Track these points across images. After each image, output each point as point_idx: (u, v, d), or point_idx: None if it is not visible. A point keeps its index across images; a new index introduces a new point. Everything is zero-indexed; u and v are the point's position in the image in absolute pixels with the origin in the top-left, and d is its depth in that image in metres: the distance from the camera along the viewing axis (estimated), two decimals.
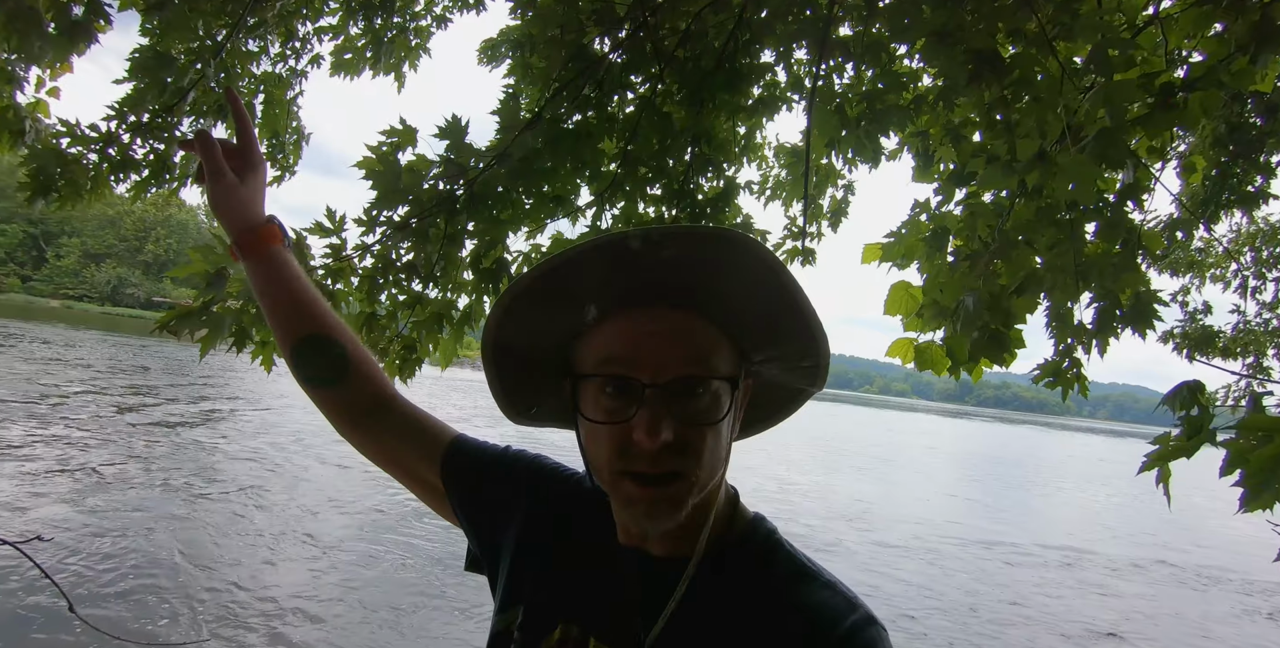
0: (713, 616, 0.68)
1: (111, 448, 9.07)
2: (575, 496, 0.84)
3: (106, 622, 4.03)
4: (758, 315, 0.69)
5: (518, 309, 0.72)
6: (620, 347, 0.67)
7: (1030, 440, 49.52)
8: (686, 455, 0.65)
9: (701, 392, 0.66)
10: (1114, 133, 1.88)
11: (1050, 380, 2.49)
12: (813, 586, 0.69)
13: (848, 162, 3.01)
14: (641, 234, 0.65)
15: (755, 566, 0.72)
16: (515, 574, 0.81)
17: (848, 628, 0.64)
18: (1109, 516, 15.81)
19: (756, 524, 0.76)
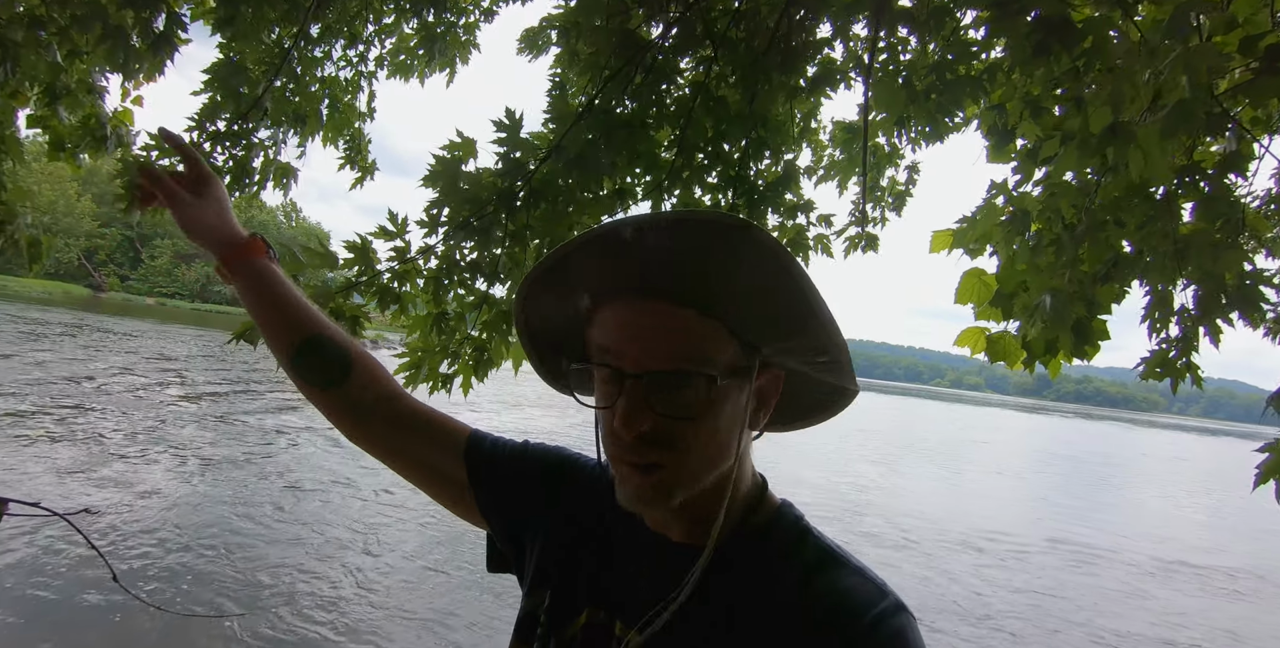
0: (736, 601, 0.68)
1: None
2: (598, 483, 0.83)
3: (148, 592, 4.30)
4: (758, 306, 0.66)
5: (533, 296, 0.74)
6: (608, 336, 0.67)
7: (1120, 439, 46.75)
8: (667, 449, 0.65)
9: (683, 386, 0.64)
10: (1191, 103, 1.68)
11: (1159, 371, 2.26)
12: (841, 572, 0.67)
13: (912, 140, 2.85)
14: (634, 222, 0.64)
15: (781, 552, 0.71)
16: (542, 559, 0.81)
17: (876, 615, 0.62)
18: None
19: (783, 511, 0.75)
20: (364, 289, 1.97)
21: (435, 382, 2.08)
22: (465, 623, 4.92)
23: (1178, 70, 1.34)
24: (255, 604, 4.70)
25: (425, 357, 2.06)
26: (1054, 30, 1.39)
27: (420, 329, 2.06)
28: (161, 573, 4.99)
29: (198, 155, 1.02)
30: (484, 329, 2.11)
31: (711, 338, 0.65)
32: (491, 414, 15.45)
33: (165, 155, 2.75)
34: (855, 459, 16.38)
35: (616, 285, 0.66)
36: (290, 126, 3.06)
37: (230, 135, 2.77)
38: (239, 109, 2.77)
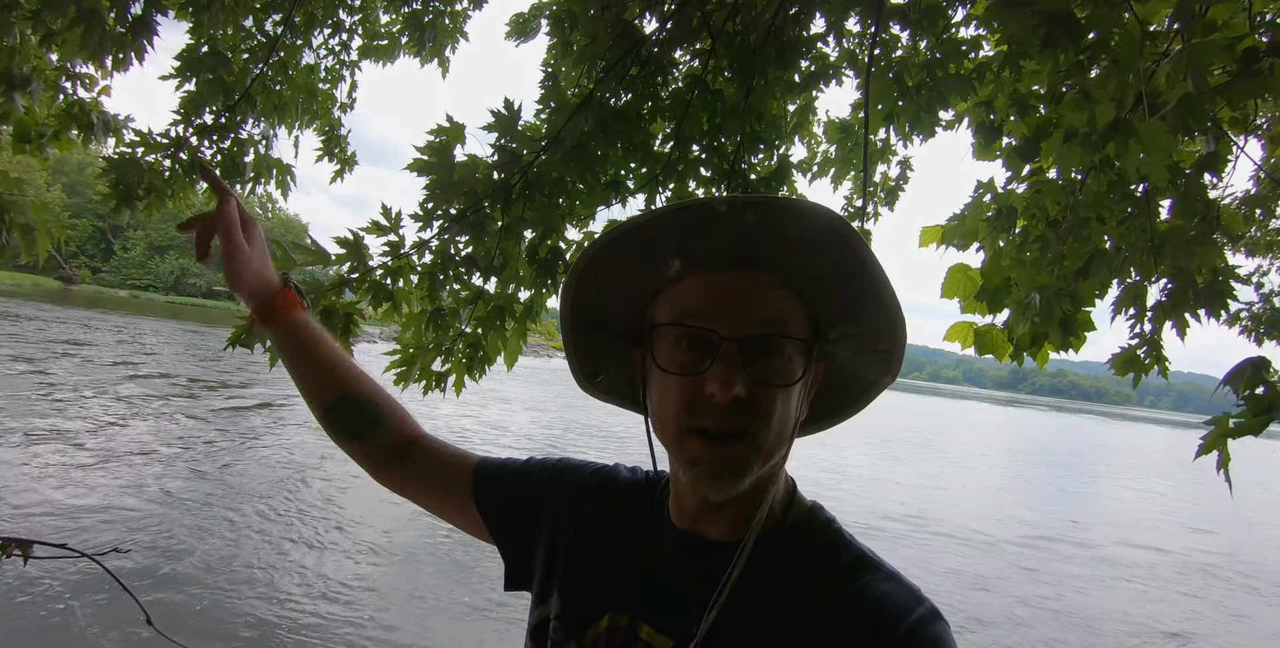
0: (769, 604, 0.67)
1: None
2: (610, 487, 0.85)
3: (184, 634, 4.10)
4: (835, 289, 0.69)
5: (601, 262, 0.73)
6: (700, 301, 0.67)
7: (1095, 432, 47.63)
8: (755, 415, 0.64)
9: (777, 351, 0.66)
10: (1197, 99, 1.73)
11: (1131, 364, 2.33)
12: (875, 577, 0.67)
13: (903, 136, 2.89)
14: (728, 200, 0.66)
15: (814, 554, 0.70)
16: (550, 568, 0.81)
17: (913, 622, 0.62)
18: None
19: (815, 513, 0.75)
20: (356, 286, 1.95)
21: (428, 380, 2.07)
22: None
23: (1181, 66, 1.37)
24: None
25: (418, 354, 2.05)
26: (1060, 23, 1.42)
27: (414, 326, 2.04)
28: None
29: (236, 197, 0.98)
30: (478, 325, 2.09)
31: (795, 313, 0.68)
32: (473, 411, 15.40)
33: (151, 151, 2.70)
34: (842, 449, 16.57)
35: (710, 253, 0.68)
36: (271, 118, 3.01)
37: (218, 128, 2.72)
38: (226, 100, 2.72)
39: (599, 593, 0.75)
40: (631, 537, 0.78)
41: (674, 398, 0.67)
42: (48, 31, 2.59)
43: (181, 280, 60.76)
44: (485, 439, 12.29)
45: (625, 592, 0.74)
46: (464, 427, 13.14)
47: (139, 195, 2.54)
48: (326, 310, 1.91)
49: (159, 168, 2.58)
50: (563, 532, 0.82)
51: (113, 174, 2.54)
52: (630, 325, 0.75)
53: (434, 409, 13.38)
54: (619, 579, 0.75)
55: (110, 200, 2.51)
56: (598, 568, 0.77)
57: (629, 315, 0.75)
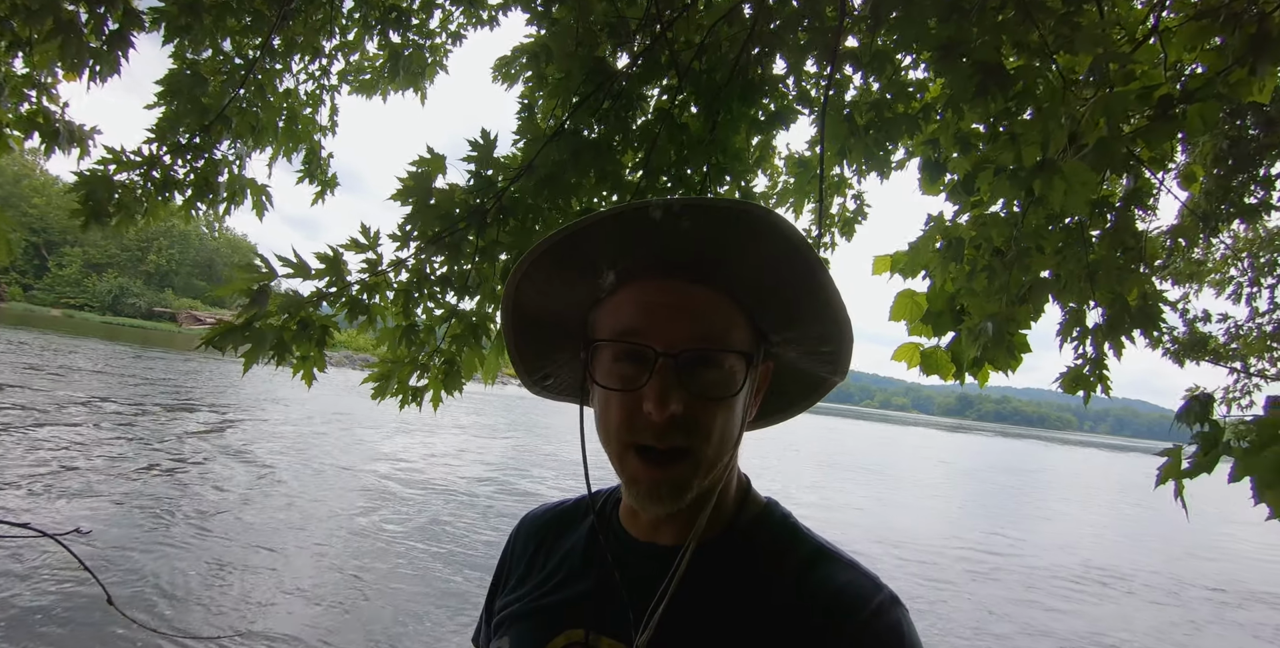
0: (729, 600, 0.67)
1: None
2: (553, 519, 0.84)
3: (141, 614, 4.08)
4: (777, 293, 0.67)
5: (536, 272, 0.70)
6: (636, 316, 0.65)
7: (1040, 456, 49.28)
8: (694, 432, 0.63)
9: (714, 366, 0.64)
10: (1111, 142, 1.93)
11: (1075, 383, 2.51)
12: (834, 566, 0.67)
13: (858, 171, 3.08)
14: (663, 204, 0.63)
15: (771, 548, 0.70)
16: (500, 613, 0.79)
17: (873, 609, 0.63)
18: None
19: (770, 509, 0.75)
20: (333, 300, 1.99)
21: (405, 395, 2.11)
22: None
23: (1098, 112, 1.54)
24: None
25: (394, 369, 2.09)
26: (991, 74, 1.58)
27: (389, 342, 2.08)
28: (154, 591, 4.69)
29: None
30: (453, 342, 2.15)
31: (734, 322, 0.66)
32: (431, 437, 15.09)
33: (124, 169, 2.69)
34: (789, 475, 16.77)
35: (643, 263, 0.66)
36: (248, 140, 3.03)
37: (192, 148, 2.73)
38: (200, 120, 2.74)
39: (549, 617, 0.74)
40: (578, 557, 0.77)
41: (614, 414, 0.65)
42: (15, 39, 2.58)
43: (120, 300, 58.28)
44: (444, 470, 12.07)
45: (579, 609, 0.73)
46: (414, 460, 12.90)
47: (109, 212, 2.53)
48: (304, 321, 1.94)
49: (131, 186, 2.58)
50: (509, 580, 0.83)
51: (83, 190, 2.52)
52: (575, 328, 0.74)
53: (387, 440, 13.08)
54: (571, 599, 0.74)
55: (80, 216, 2.49)
56: (546, 598, 0.76)
57: (571, 321, 0.74)
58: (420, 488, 9.83)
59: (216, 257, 71.55)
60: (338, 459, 11.10)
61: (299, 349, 1.88)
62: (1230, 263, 7.89)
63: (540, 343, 0.78)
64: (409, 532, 7.56)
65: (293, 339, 1.87)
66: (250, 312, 1.80)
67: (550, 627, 0.73)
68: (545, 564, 0.80)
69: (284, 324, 1.86)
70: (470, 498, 9.70)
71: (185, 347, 31.50)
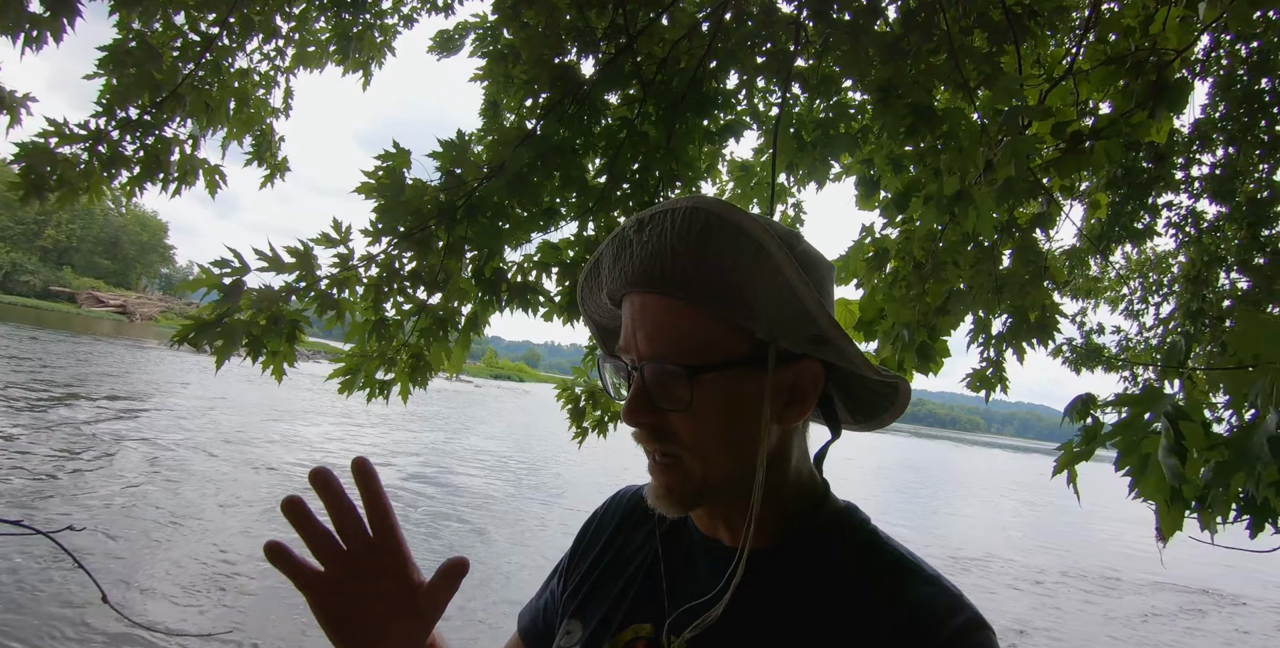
0: (793, 605, 0.64)
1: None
2: (609, 518, 0.85)
3: (135, 612, 3.94)
4: (741, 287, 0.61)
5: (585, 298, 0.76)
6: (623, 332, 0.67)
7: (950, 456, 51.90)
8: (669, 441, 0.64)
9: (665, 377, 0.62)
10: (1015, 181, 2.22)
11: (979, 384, 2.81)
12: (913, 580, 0.63)
13: (798, 181, 3.30)
14: (636, 219, 0.63)
15: (845, 555, 0.67)
16: (572, 593, 0.81)
17: (955, 629, 0.57)
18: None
19: (847, 514, 0.71)
20: (302, 294, 2.02)
21: (372, 388, 2.16)
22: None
23: (1007, 155, 1.78)
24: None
25: (362, 362, 2.14)
26: (921, 116, 1.80)
27: (358, 336, 2.13)
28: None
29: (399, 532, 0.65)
30: (421, 336, 2.20)
31: (699, 327, 0.62)
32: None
33: (66, 142, 2.63)
34: None
35: (619, 281, 0.66)
36: (202, 117, 2.96)
37: (143, 124, 2.67)
38: (152, 96, 2.68)
39: (620, 609, 0.74)
40: (653, 550, 0.77)
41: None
42: None
43: (11, 277, 53.75)
44: None
45: (648, 603, 0.72)
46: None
47: (51, 187, 2.46)
48: (274, 316, 1.98)
49: (74, 161, 2.51)
50: (576, 574, 0.83)
51: (23, 160, 2.45)
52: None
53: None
54: (640, 593, 0.74)
55: (18, 189, 2.41)
56: (618, 587, 0.76)
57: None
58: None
59: (123, 234, 66.89)
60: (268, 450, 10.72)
61: (270, 344, 1.91)
62: (1124, 281, 8.68)
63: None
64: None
65: (263, 334, 1.90)
66: (222, 307, 1.82)
67: (621, 618, 0.73)
68: (623, 550, 0.80)
69: (253, 318, 1.89)
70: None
71: (86, 329, 29.39)
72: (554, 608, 0.85)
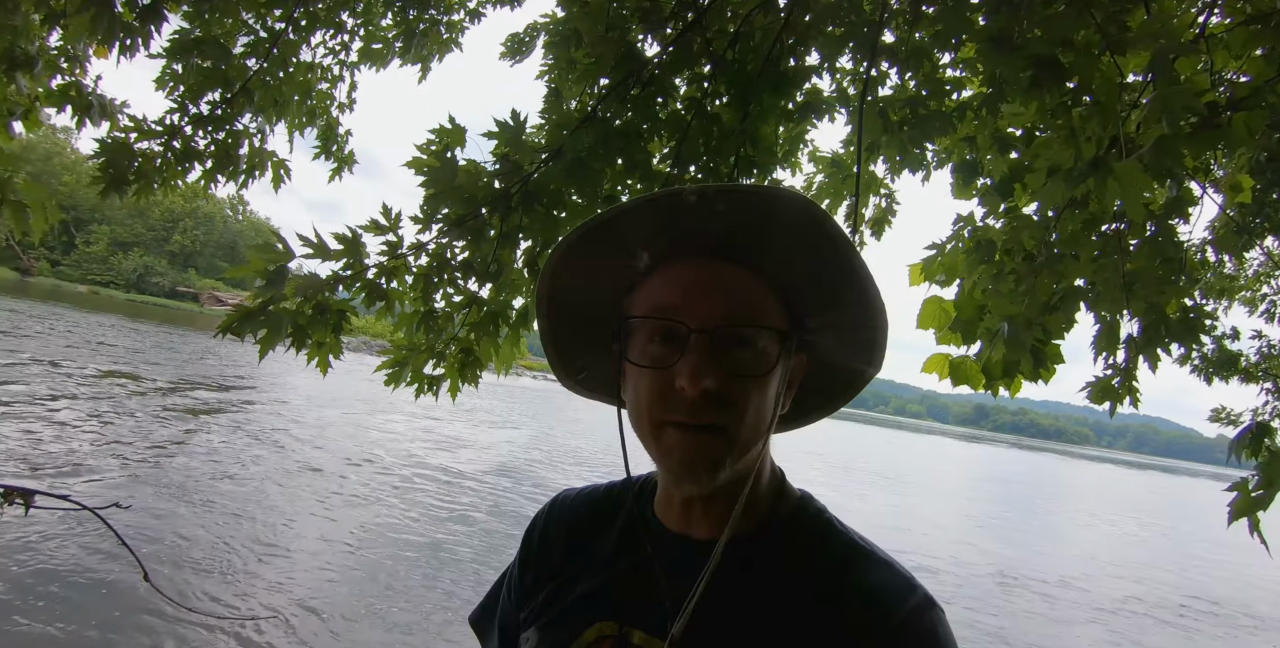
0: (761, 595, 0.66)
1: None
2: (586, 506, 0.83)
3: (177, 593, 4.13)
4: (811, 276, 0.67)
5: (573, 259, 0.71)
6: (670, 294, 0.66)
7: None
8: (727, 408, 0.63)
9: (748, 342, 0.64)
10: (1172, 140, 1.83)
11: (1103, 394, 2.42)
12: (868, 563, 0.66)
13: (890, 169, 3.00)
14: (697, 190, 0.64)
15: (806, 544, 0.69)
16: (529, 602, 0.79)
17: (909, 610, 0.62)
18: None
19: (805, 503, 0.74)
20: (350, 283, 1.95)
21: (420, 383, 2.07)
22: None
23: (1157, 108, 1.47)
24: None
25: (410, 355, 2.05)
26: (1045, 67, 1.51)
27: (406, 327, 2.05)
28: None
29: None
30: (471, 330, 2.10)
31: (768, 302, 0.67)
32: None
33: (145, 137, 2.68)
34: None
35: (677, 243, 0.67)
36: (268, 113, 3.01)
37: (214, 119, 2.71)
38: (224, 91, 2.72)
39: (581, 609, 0.73)
40: (611, 548, 0.76)
41: (646, 391, 0.65)
42: (50, 12, 2.58)
43: (144, 279, 59.18)
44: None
45: (613, 601, 0.72)
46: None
47: (129, 180, 2.52)
48: (320, 306, 1.90)
49: (151, 155, 2.57)
50: (536, 576, 0.81)
51: (104, 157, 2.51)
52: (608, 320, 0.73)
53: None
54: (603, 591, 0.73)
55: (99, 184, 2.49)
56: (577, 589, 0.75)
57: (607, 310, 0.73)
58: (452, 476, 9.88)
59: (240, 238, 72.40)
60: (368, 449, 11.17)
61: (315, 335, 1.84)
62: (1263, 280, 7.71)
63: (576, 334, 0.78)
64: (449, 517, 7.61)
65: (309, 324, 1.83)
66: (266, 294, 1.76)
67: (582, 618, 0.72)
68: (579, 553, 0.79)
69: (300, 308, 1.82)
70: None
71: (207, 326, 31.92)
72: (508, 611, 0.84)
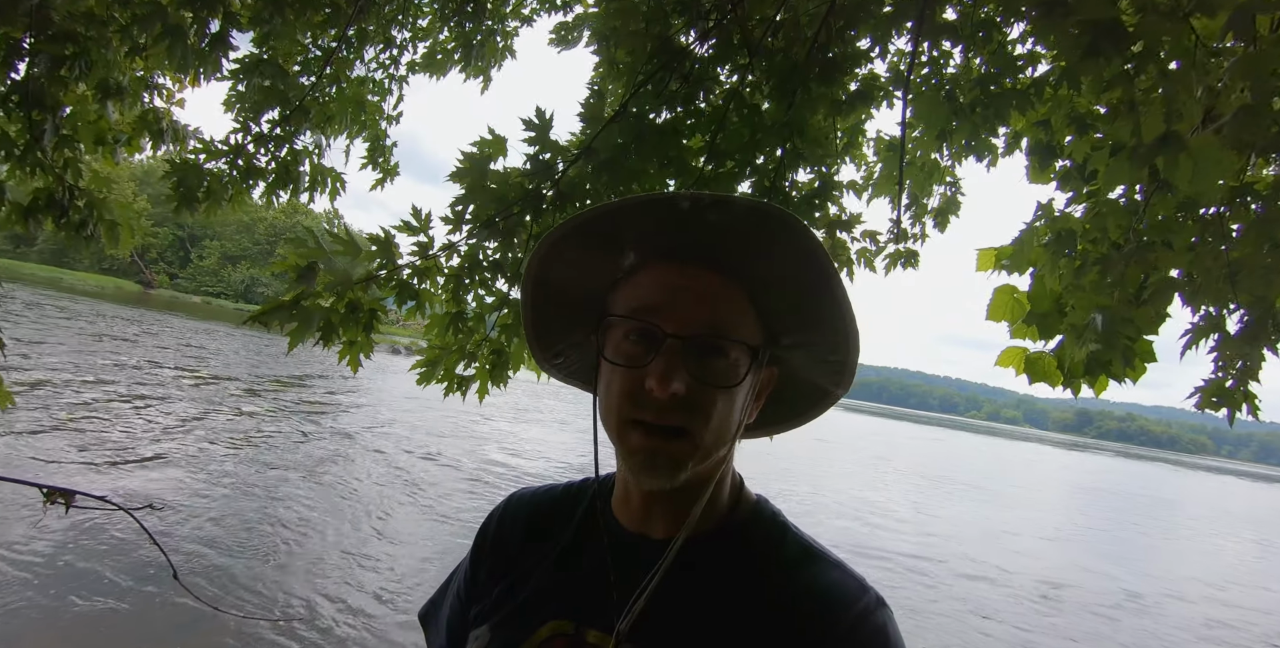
0: (715, 596, 0.67)
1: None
2: (544, 504, 0.84)
3: (207, 592, 4.29)
4: (791, 295, 0.68)
5: (565, 248, 0.73)
6: (651, 295, 0.68)
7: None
8: (694, 413, 0.65)
9: (721, 353, 0.66)
10: (1256, 110, 1.54)
11: (1215, 400, 2.13)
12: (821, 566, 0.68)
13: (954, 156, 2.79)
14: (692, 196, 0.65)
15: (761, 547, 0.71)
16: (480, 600, 0.79)
17: (860, 611, 0.64)
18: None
19: (760, 506, 0.76)
20: (383, 283, 1.97)
21: (450, 383, 2.07)
22: None
23: (1238, 76, 1.27)
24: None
25: (442, 355, 2.05)
26: (1104, 32, 1.33)
27: (438, 328, 2.05)
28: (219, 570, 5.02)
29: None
30: (503, 332, 2.09)
31: (746, 315, 0.68)
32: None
33: (212, 157, 2.80)
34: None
35: (668, 247, 0.68)
36: (321, 128, 3.11)
37: (274, 138, 2.83)
38: (283, 110, 2.83)
39: (535, 607, 0.74)
40: (568, 546, 0.77)
41: (617, 389, 0.67)
42: (134, 45, 2.77)
43: (251, 289, 63.72)
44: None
45: (567, 600, 0.73)
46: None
47: (199, 198, 2.67)
48: (353, 304, 1.92)
49: (219, 174, 2.71)
50: (489, 574, 0.81)
51: (175, 177, 2.65)
52: (590, 310, 0.75)
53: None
54: (558, 588, 0.74)
55: (172, 201, 2.64)
56: (530, 586, 0.76)
57: (590, 300, 0.75)
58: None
59: (318, 233, 76.74)
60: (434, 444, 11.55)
61: (346, 333, 1.86)
62: None
63: (557, 320, 0.79)
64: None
65: (340, 322, 1.85)
66: (298, 289, 1.79)
67: (536, 617, 0.72)
68: (533, 551, 0.79)
69: (332, 306, 1.85)
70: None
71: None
72: (455, 608, 0.84)
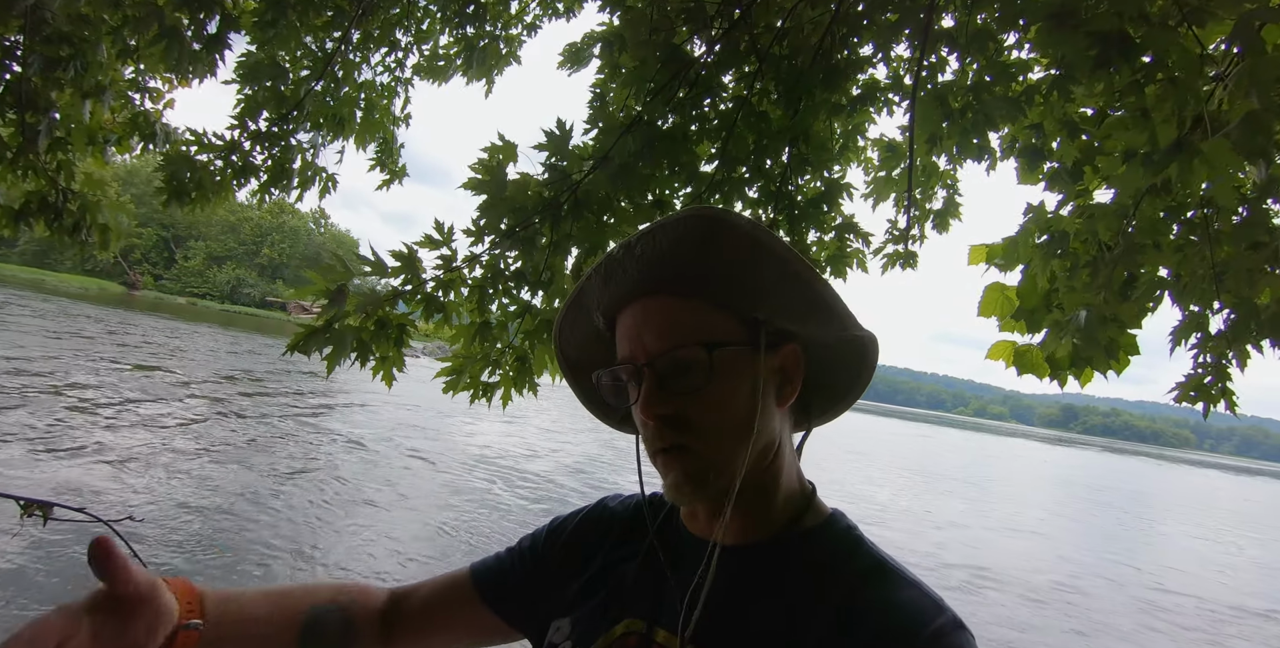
0: (778, 603, 0.67)
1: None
2: (603, 520, 0.87)
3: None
4: (747, 277, 0.69)
5: (565, 329, 0.81)
6: (624, 344, 0.72)
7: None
8: (684, 428, 0.67)
9: (683, 363, 0.67)
10: (1262, 116, 1.60)
11: (1193, 395, 2.23)
12: (895, 583, 0.65)
13: (952, 159, 2.87)
14: (623, 243, 0.71)
15: (829, 558, 0.69)
16: (560, 603, 0.82)
17: (933, 631, 0.59)
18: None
19: (834, 519, 0.75)
20: (409, 298, 2.01)
21: (475, 390, 2.11)
22: None
23: (1244, 83, 1.35)
24: None
25: (467, 364, 2.10)
26: (1113, 44, 1.41)
27: (464, 338, 2.09)
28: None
29: (133, 573, 0.62)
30: (526, 338, 2.13)
31: (703, 316, 0.69)
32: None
33: (205, 151, 2.82)
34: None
35: (616, 296, 0.72)
36: (328, 130, 3.13)
37: (270, 136, 2.85)
38: (280, 109, 2.85)
39: (611, 606, 0.76)
40: (644, 552, 0.80)
41: (641, 428, 0.72)
42: (125, 46, 2.77)
43: (237, 290, 63.10)
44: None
45: (641, 600, 0.75)
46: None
47: (189, 192, 2.68)
48: (381, 320, 1.96)
49: (210, 168, 2.72)
50: (570, 579, 0.83)
51: (167, 170, 2.66)
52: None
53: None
54: (634, 589, 0.77)
55: (162, 194, 2.65)
56: (607, 588, 0.79)
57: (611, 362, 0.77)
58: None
59: (322, 251, 76.14)
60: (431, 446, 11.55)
61: (378, 349, 1.91)
62: None
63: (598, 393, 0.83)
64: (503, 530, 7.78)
65: (372, 339, 1.90)
66: (329, 313, 1.83)
67: (614, 614, 0.75)
68: (614, 553, 0.82)
69: (363, 324, 1.89)
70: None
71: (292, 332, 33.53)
72: (520, 575, 0.87)
